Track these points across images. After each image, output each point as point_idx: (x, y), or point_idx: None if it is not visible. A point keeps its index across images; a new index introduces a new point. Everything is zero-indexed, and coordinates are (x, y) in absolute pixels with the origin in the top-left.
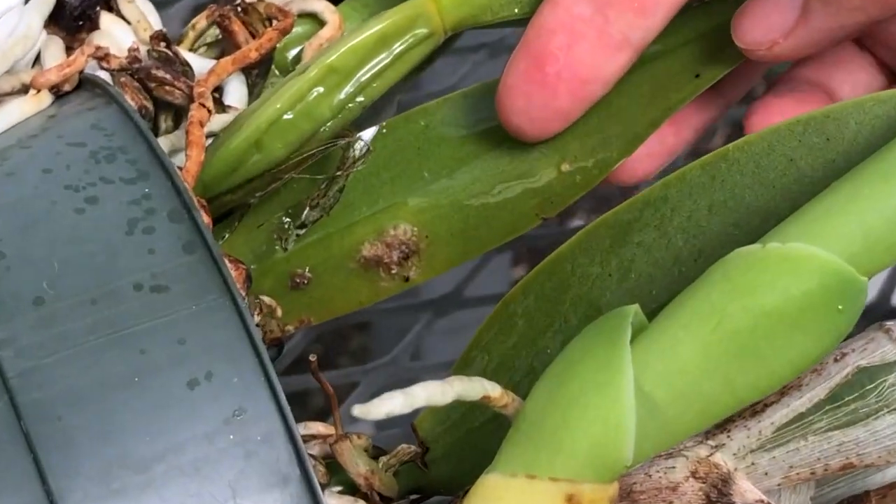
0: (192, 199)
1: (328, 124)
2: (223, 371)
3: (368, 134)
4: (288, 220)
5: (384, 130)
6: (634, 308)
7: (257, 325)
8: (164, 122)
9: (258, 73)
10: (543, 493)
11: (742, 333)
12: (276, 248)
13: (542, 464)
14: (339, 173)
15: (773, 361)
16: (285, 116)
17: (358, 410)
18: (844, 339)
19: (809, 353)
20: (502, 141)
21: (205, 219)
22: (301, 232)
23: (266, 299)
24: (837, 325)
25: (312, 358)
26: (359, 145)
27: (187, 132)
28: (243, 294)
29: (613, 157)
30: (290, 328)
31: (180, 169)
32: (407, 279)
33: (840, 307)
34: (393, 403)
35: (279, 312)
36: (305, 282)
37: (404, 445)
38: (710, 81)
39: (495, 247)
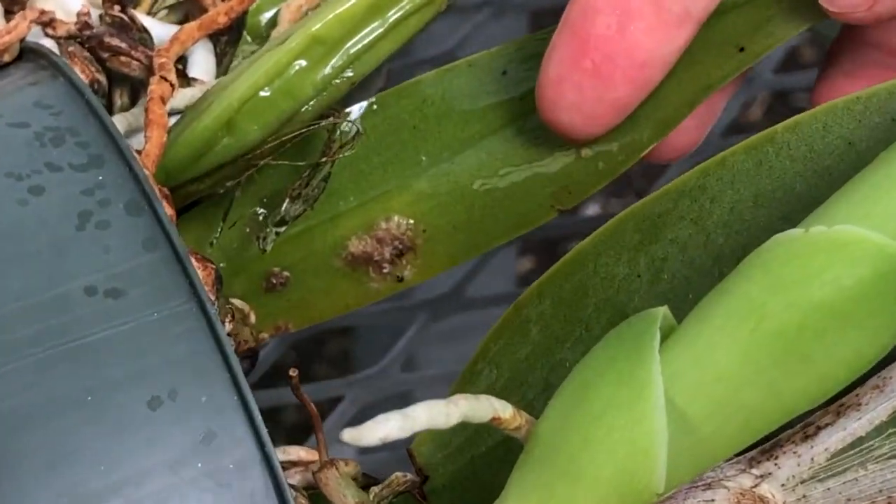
0: (153, 189)
1: (311, 103)
2: (190, 389)
3: (356, 111)
4: (263, 211)
5: (374, 107)
6: (663, 310)
7: (228, 335)
8: (120, 99)
9: (227, 41)
10: None
11: (786, 333)
12: (250, 243)
13: (558, 495)
14: (323, 159)
15: (824, 364)
16: (262, 93)
17: (348, 435)
18: None
19: (865, 353)
20: (513, 119)
21: (167, 211)
22: (280, 230)
23: (238, 303)
24: None
25: (293, 373)
26: (346, 127)
27: (146, 110)
28: (212, 298)
29: (642, 140)
30: (264, 336)
31: (139, 153)
32: (400, 279)
33: None
34: (389, 427)
35: (252, 318)
36: (283, 283)
37: (399, 474)
38: (756, 57)
39: (503, 243)
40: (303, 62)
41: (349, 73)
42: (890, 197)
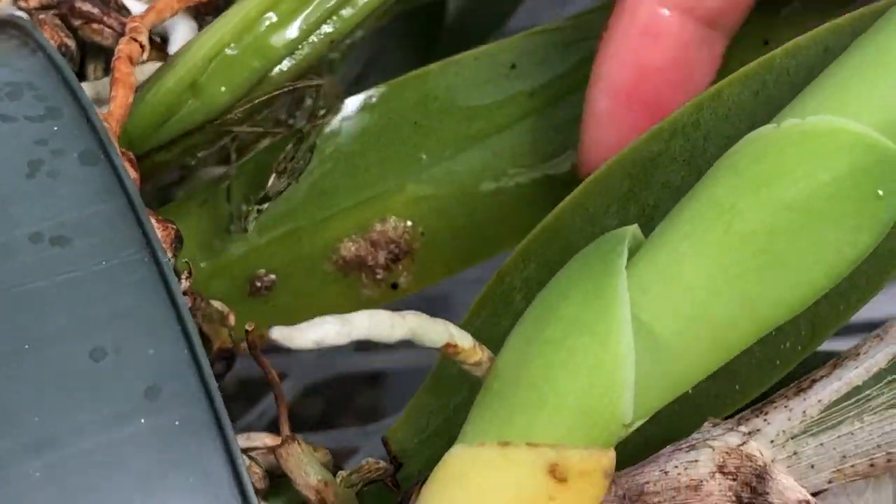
0: (109, 137)
1: (284, 63)
2: (136, 341)
3: (353, 105)
4: (245, 200)
5: (373, 99)
6: (632, 229)
7: (185, 293)
8: (94, 73)
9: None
10: (519, 464)
11: (759, 236)
12: (233, 241)
13: (517, 427)
14: (309, 125)
15: (801, 267)
16: (228, 51)
17: (277, 333)
18: None
19: (845, 254)
20: (522, 116)
21: (131, 174)
22: (263, 207)
23: (217, 304)
24: (878, 214)
25: (249, 327)
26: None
27: (113, 69)
28: (169, 253)
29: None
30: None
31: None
32: (395, 287)
33: (879, 192)
34: (324, 330)
35: (232, 320)
36: (268, 287)
37: (371, 460)
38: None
39: (511, 248)
40: (272, 16)
41: (327, 29)
42: (866, 83)
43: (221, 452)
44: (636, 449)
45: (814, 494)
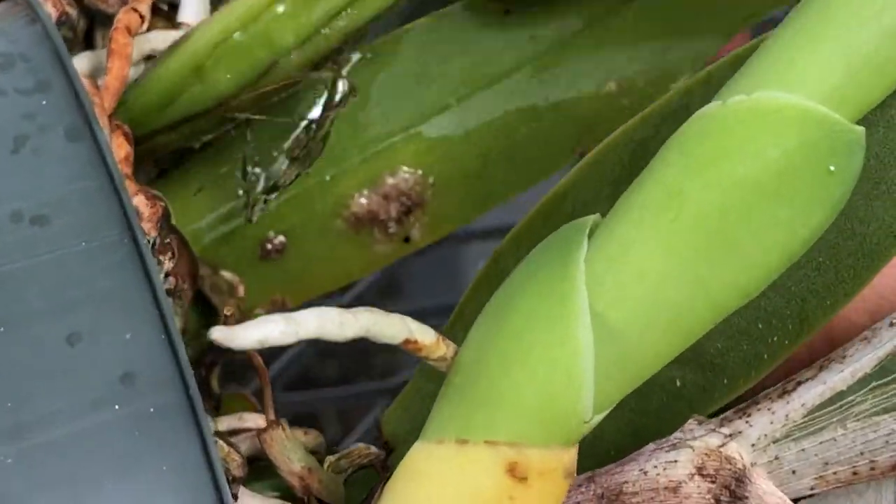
0: (95, 113)
1: (293, 53)
2: (113, 325)
3: (352, 61)
4: (258, 171)
5: (368, 55)
6: (593, 218)
7: (167, 275)
8: (102, 40)
9: None
10: (476, 463)
11: (709, 218)
12: (242, 206)
13: (476, 425)
14: (325, 114)
15: (753, 249)
16: (235, 37)
17: (218, 333)
18: None
19: (798, 233)
20: (523, 60)
21: (125, 149)
22: (271, 197)
23: (227, 275)
24: (830, 190)
25: (228, 311)
26: (341, 85)
27: (110, 39)
28: (155, 234)
29: (672, 73)
30: (259, 311)
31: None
32: (407, 240)
33: (831, 167)
34: (268, 329)
35: (241, 290)
36: (279, 249)
37: (361, 445)
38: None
39: (521, 192)
40: (282, 6)
41: (341, 23)
42: (807, 53)
43: (196, 440)
44: (624, 441)
45: (795, 501)
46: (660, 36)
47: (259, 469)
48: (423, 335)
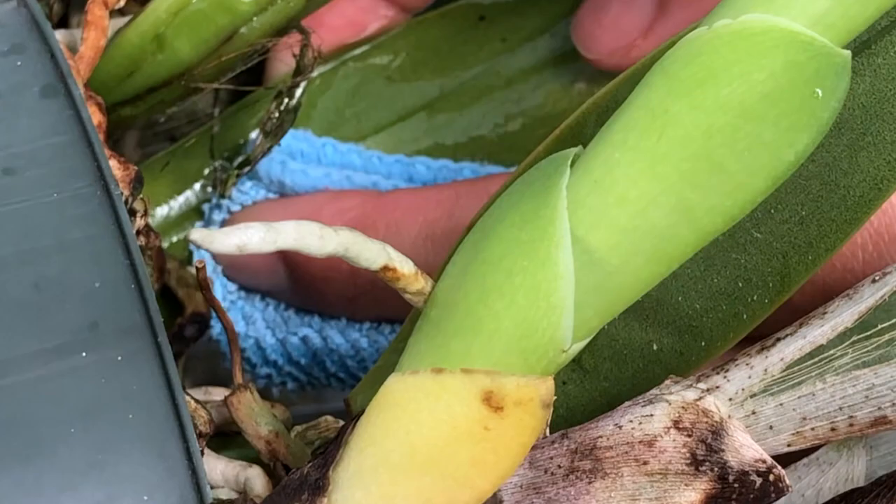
0: (70, 72)
1: (254, 20)
2: (82, 274)
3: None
4: (222, 163)
5: (341, 61)
6: (577, 150)
7: (138, 232)
8: (78, 23)
9: None
10: (452, 392)
11: (694, 140)
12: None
13: (452, 353)
14: (295, 82)
15: (738, 172)
16: (194, 3)
17: (197, 234)
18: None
19: (783, 156)
20: (498, 63)
21: (98, 117)
22: (245, 171)
23: (192, 269)
24: (816, 114)
25: (199, 263)
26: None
27: (86, 11)
28: (127, 192)
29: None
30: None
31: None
32: None
33: (817, 90)
34: (248, 235)
35: (211, 282)
36: None
37: (329, 417)
38: None
39: None
40: None
41: None
42: None
43: (163, 389)
44: (598, 409)
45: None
46: None
47: (224, 442)
48: (403, 264)
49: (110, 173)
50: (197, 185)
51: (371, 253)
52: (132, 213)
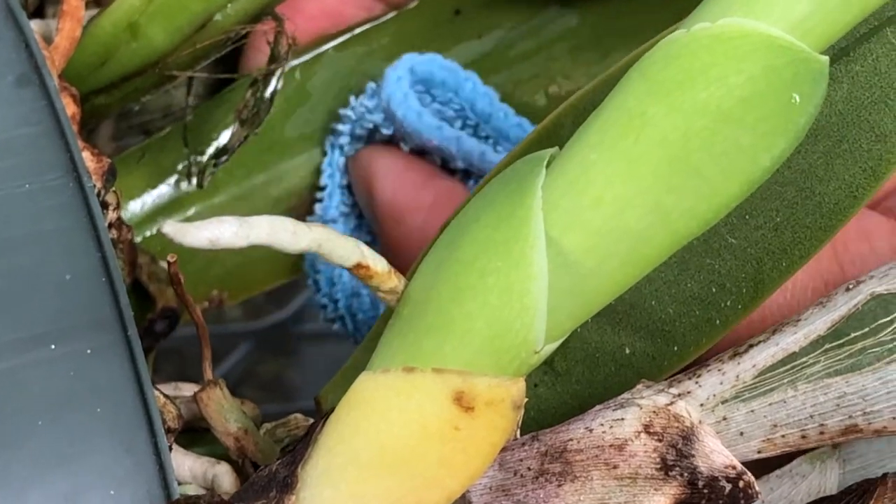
0: (45, 62)
1: (229, 7)
2: (53, 264)
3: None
4: (196, 158)
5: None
6: (553, 151)
7: (110, 225)
8: (53, 14)
9: None
10: (423, 391)
11: (671, 143)
12: (182, 199)
13: (424, 352)
14: (270, 69)
15: (714, 176)
16: None
17: (170, 227)
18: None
19: (760, 161)
20: (472, 59)
21: (72, 109)
22: (222, 160)
23: (164, 264)
24: (793, 119)
25: (171, 258)
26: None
27: (62, 1)
28: (98, 184)
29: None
30: (204, 305)
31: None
32: None
33: (795, 96)
34: (221, 229)
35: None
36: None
37: (299, 416)
38: None
39: None
40: None
41: None
42: None
43: (132, 383)
44: (570, 411)
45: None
46: (600, 29)
47: (193, 438)
48: (376, 262)
49: (83, 165)
50: (171, 179)
51: (344, 250)
52: (104, 205)
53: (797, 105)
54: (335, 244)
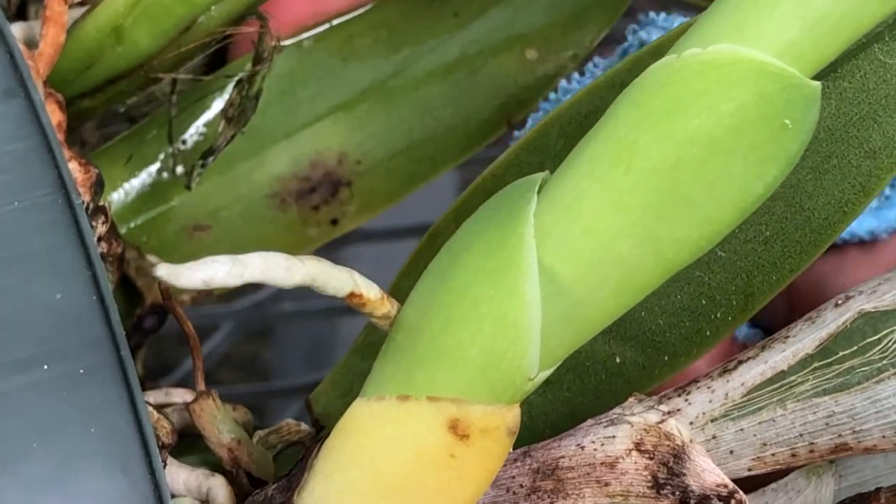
0: (30, 74)
1: (213, 9)
2: (44, 285)
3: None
4: (179, 148)
5: (299, 39)
6: (544, 175)
7: (100, 239)
8: (36, 15)
9: None
10: (418, 419)
11: (662, 172)
12: (166, 190)
13: (418, 381)
14: (255, 69)
15: (706, 204)
16: None
17: (163, 270)
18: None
19: (752, 189)
20: (450, 37)
21: (58, 116)
22: (209, 160)
23: (151, 258)
24: (785, 145)
25: (154, 259)
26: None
27: (45, 7)
28: (87, 197)
29: (586, 42)
30: (184, 298)
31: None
32: (335, 222)
33: (787, 122)
34: (214, 269)
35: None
36: (204, 234)
37: (291, 421)
38: None
39: (451, 168)
40: None
41: None
42: (766, 8)
43: (126, 403)
44: (561, 421)
45: (735, 481)
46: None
47: (186, 446)
48: (369, 290)
49: (72, 182)
50: (153, 168)
51: (338, 282)
52: (95, 215)
53: (789, 131)
54: (329, 276)
